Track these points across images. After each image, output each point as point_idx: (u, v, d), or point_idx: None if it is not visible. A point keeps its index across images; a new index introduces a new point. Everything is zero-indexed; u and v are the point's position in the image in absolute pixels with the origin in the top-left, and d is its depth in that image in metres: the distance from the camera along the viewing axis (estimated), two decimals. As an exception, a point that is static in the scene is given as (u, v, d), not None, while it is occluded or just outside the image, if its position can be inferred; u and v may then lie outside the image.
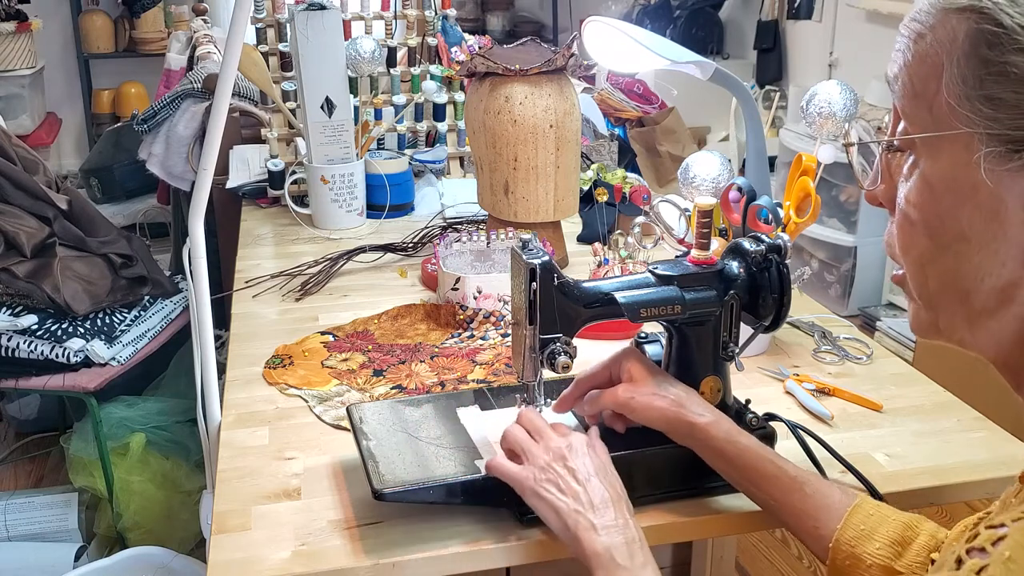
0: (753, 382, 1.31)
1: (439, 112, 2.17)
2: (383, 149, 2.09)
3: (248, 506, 1.03)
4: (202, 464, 1.59)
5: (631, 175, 1.76)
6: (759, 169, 1.49)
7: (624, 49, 1.54)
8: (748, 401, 1.09)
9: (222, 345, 2.03)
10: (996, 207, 0.65)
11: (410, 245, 1.77)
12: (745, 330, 1.06)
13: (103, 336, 2.12)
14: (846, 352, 1.40)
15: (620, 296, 1.01)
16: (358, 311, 1.51)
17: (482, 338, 1.42)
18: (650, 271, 1.04)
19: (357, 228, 1.91)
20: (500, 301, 1.47)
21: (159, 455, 2.26)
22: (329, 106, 1.85)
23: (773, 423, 1.08)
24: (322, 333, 1.44)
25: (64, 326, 2.09)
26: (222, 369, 1.33)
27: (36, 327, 2.07)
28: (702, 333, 1.04)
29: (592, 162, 1.98)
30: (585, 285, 1.03)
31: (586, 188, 1.75)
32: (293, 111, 2.04)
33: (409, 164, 2.03)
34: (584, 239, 1.81)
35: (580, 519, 0.89)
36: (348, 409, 1.12)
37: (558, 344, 1.01)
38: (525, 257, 0.99)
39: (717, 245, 1.21)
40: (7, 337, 2.06)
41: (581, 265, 1.64)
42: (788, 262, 1.03)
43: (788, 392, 1.28)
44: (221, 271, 2.11)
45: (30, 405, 2.79)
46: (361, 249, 1.74)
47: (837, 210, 3.68)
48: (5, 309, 2.10)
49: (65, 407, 2.70)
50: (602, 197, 1.64)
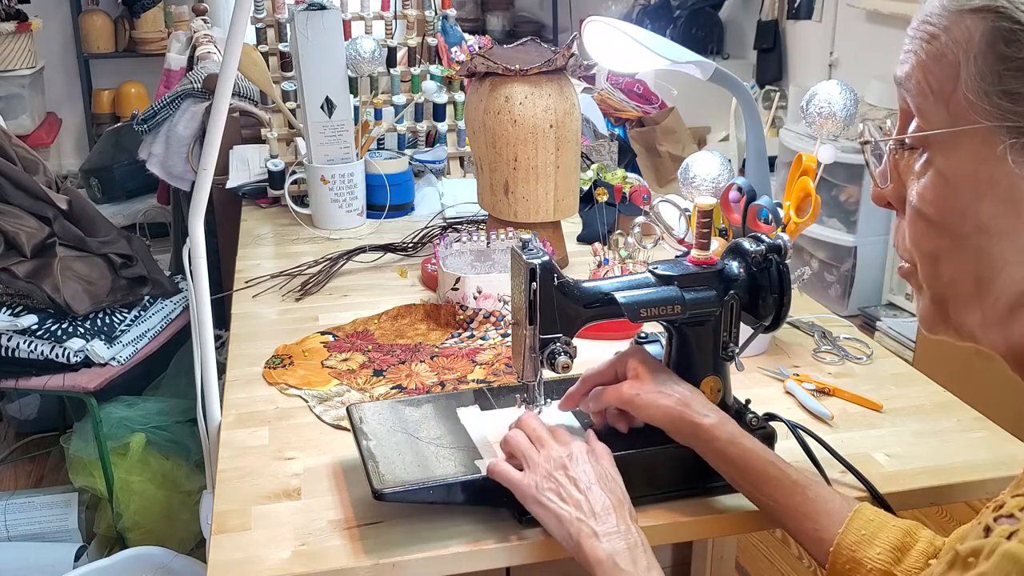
0: (753, 382, 1.31)
1: (439, 112, 2.17)
2: (383, 149, 2.09)
3: (248, 506, 1.03)
4: (202, 464, 1.59)
5: (631, 175, 1.76)
6: (759, 169, 1.49)
7: (624, 49, 1.54)
8: (748, 401, 1.09)
9: (222, 345, 2.03)
10: (1018, 197, 0.67)
11: (410, 245, 1.77)
12: (745, 330, 1.06)
13: (103, 336, 2.12)
14: (846, 352, 1.40)
15: (620, 296, 1.01)
16: (358, 311, 1.51)
17: (482, 338, 1.42)
18: (650, 271, 1.04)
19: (357, 228, 1.91)
20: (500, 301, 1.47)
21: (159, 455, 2.26)
22: (329, 106, 1.85)
23: (773, 423, 1.08)
24: (322, 333, 1.44)
25: (64, 326, 2.09)
26: (222, 369, 1.33)
27: (36, 327, 2.07)
28: (702, 333, 1.04)
29: (592, 162, 1.98)
30: (585, 285, 1.03)
31: (586, 188, 1.74)
32: (293, 111, 2.04)
33: (409, 164, 2.03)
34: (584, 239, 1.81)
35: (582, 527, 0.89)
36: (348, 409, 1.12)
37: (558, 344, 1.01)
38: (525, 257, 0.99)
39: (717, 245, 1.21)
40: (7, 337, 2.06)
41: (581, 265, 1.64)
42: (788, 262, 1.03)
43: (788, 392, 1.28)
44: (221, 271, 2.10)
45: (30, 405, 2.79)
46: (361, 249, 1.74)
47: (837, 210, 3.68)
48: (5, 309, 2.10)
49: (65, 407, 2.70)
50: (602, 197, 1.64)
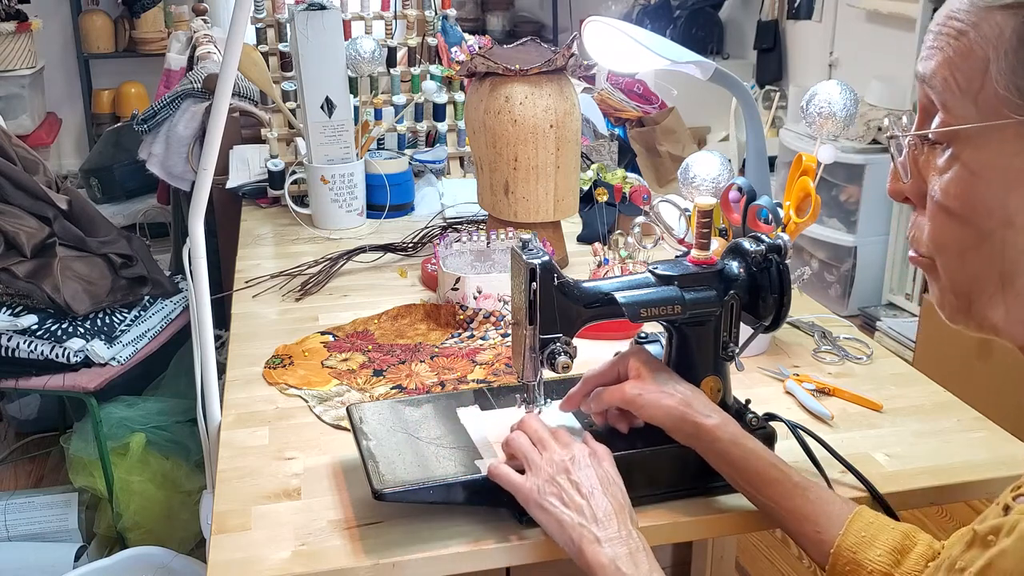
0: (753, 382, 1.31)
1: (439, 112, 2.17)
2: (383, 149, 2.09)
3: (248, 506, 1.03)
4: (202, 464, 1.59)
5: (631, 175, 1.76)
6: (759, 169, 1.49)
7: (624, 49, 1.54)
8: (748, 401, 1.09)
9: (222, 345, 2.03)
10: None
11: (410, 245, 1.77)
12: (745, 330, 1.06)
13: (103, 336, 2.12)
14: (846, 352, 1.40)
15: (620, 296, 1.01)
16: (358, 311, 1.51)
17: (482, 338, 1.42)
18: (650, 271, 1.04)
19: (357, 228, 1.91)
20: (500, 301, 1.47)
21: (159, 455, 2.26)
22: (329, 106, 1.85)
23: (773, 423, 1.08)
24: (322, 333, 1.44)
25: (64, 326, 2.09)
26: (222, 369, 1.33)
27: (36, 327, 2.07)
28: (702, 333, 1.04)
29: (592, 162, 1.98)
30: (585, 285, 1.03)
31: (586, 188, 1.74)
32: (293, 111, 2.04)
33: (409, 164, 2.03)
34: (584, 239, 1.81)
35: (584, 532, 0.89)
36: (348, 409, 1.12)
37: (558, 344, 1.01)
38: (525, 257, 0.99)
39: (717, 245, 1.21)
40: (7, 337, 2.06)
41: (581, 265, 1.64)
42: (788, 262, 1.03)
43: (788, 392, 1.28)
44: (221, 271, 2.10)
45: (30, 405, 2.79)
46: (361, 249, 1.74)
47: (837, 210, 3.68)
48: (5, 309, 2.10)
49: (65, 407, 2.70)
50: (602, 197, 1.64)
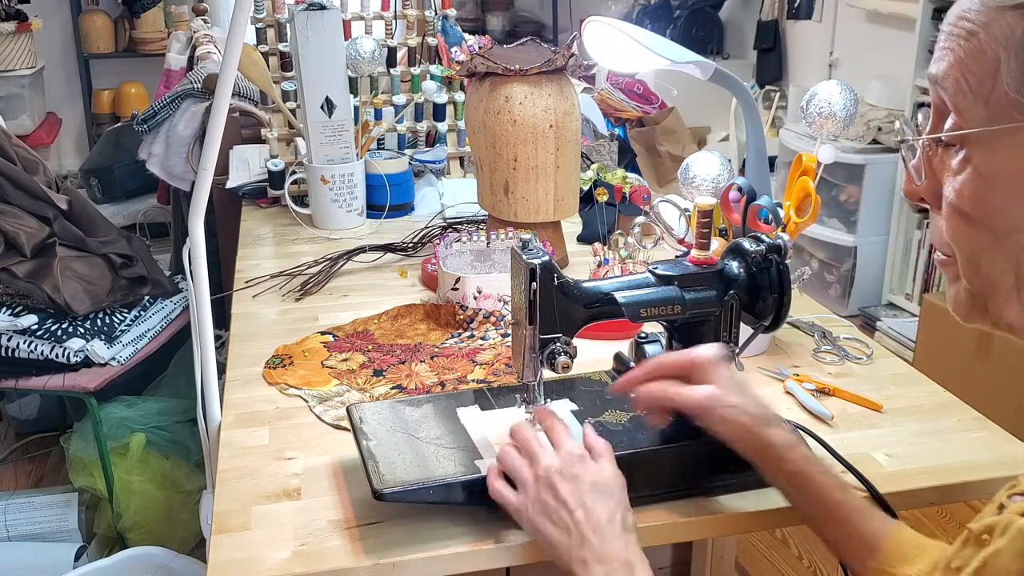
0: (753, 382, 1.30)
1: (439, 112, 2.17)
2: (383, 149, 2.09)
3: (248, 506, 1.03)
4: (202, 464, 1.59)
5: (631, 175, 1.76)
6: (759, 169, 1.49)
7: (624, 49, 1.54)
8: (748, 401, 1.09)
9: (222, 345, 2.03)
10: None
11: (410, 245, 1.77)
12: (745, 330, 1.06)
13: (103, 336, 2.12)
14: (846, 352, 1.40)
15: (620, 296, 1.01)
16: (358, 311, 1.51)
17: (482, 338, 1.42)
18: (650, 271, 1.04)
19: (357, 228, 1.91)
20: (500, 301, 1.47)
21: (159, 455, 2.26)
22: (329, 106, 1.85)
23: (773, 423, 1.08)
24: (322, 333, 1.44)
25: (64, 326, 2.09)
26: (222, 369, 1.33)
27: (36, 327, 2.07)
28: (702, 333, 1.04)
29: (592, 162, 1.98)
30: (585, 285, 1.03)
31: (586, 188, 1.75)
32: (293, 111, 2.04)
33: (409, 164, 2.03)
34: (584, 239, 1.81)
35: (573, 554, 0.89)
36: (348, 409, 1.12)
37: (558, 344, 1.01)
38: (525, 257, 0.99)
39: (717, 245, 1.21)
40: (7, 337, 2.06)
41: (581, 265, 1.64)
42: (788, 262, 1.03)
43: (788, 392, 1.27)
44: (221, 271, 2.10)
45: (30, 405, 2.79)
46: (361, 249, 1.74)
47: (837, 210, 3.68)
48: (5, 309, 2.10)
49: (65, 407, 2.70)
50: (602, 197, 1.64)
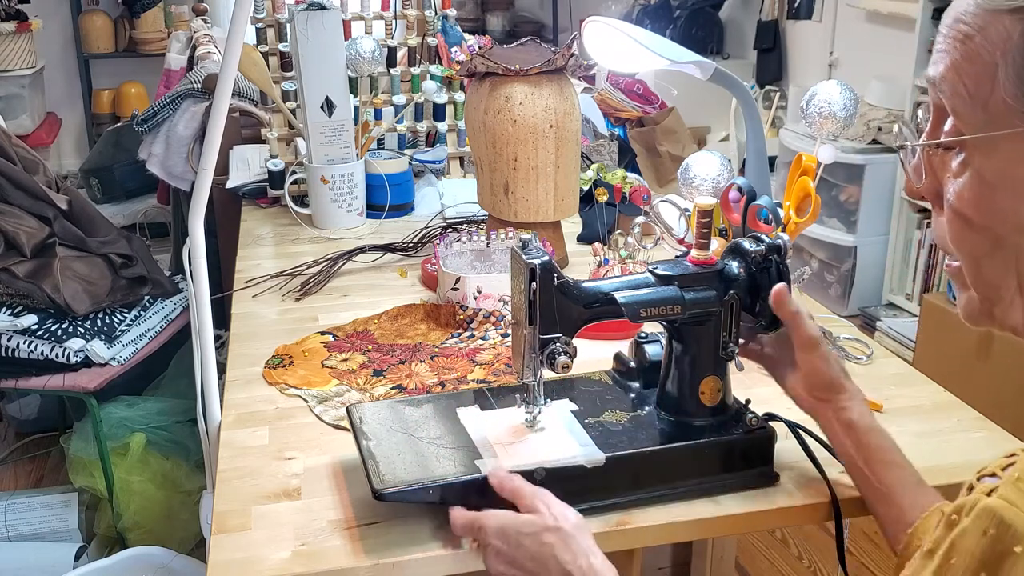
0: (753, 382, 1.30)
1: (439, 112, 2.17)
2: (383, 149, 2.09)
3: (248, 506, 1.03)
4: (202, 464, 1.59)
5: (631, 175, 1.77)
6: (759, 169, 1.49)
7: (624, 49, 1.54)
8: (748, 401, 1.09)
9: (222, 345, 2.03)
10: None
11: (410, 245, 1.77)
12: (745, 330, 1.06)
13: (103, 336, 2.12)
14: (846, 352, 1.39)
15: (620, 296, 1.01)
16: (358, 311, 1.51)
17: (482, 338, 1.42)
18: (650, 271, 1.04)
19: (357, 228, 1.91)
20: (500, 301, 1.47)
21: (159, 455, 2.26)
22: (329, 106, 1.85)
23: (773, 423, 1.08)
24: (322, 333, 1.44)
25: (64, 326, 2.09)
26: (222, 369, 1.33)
27: (36, 327, 2.07)
28: (702, 333, 1.04)
29: (592, 162, 1.98)
30: (585, 285, 1.03)
31: (586, 188, 1.75)
32: (293, 111, 2.04)
33: (409, 164, 2.03)
34: (584, 239, 1.81)
35: None
36: (348, 409, 1.12)
37: (558, 344, 1.01)
38: (525, 257, 0.99)
39: (717, 245, 1.21)
40: (7, 337, 2.06)
41: (581, 265, 1.64)
42: (788, 262, 1.03)
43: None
44: (221, 271, 2.10)
45: (30, 405, 2.79)
46: (361, 249, 1.74)
47: (837, 210, 3.68)
48: (5, 309, 2.10)
49: (65, 407, 2.70)
50: (602, 197, 1.64)
